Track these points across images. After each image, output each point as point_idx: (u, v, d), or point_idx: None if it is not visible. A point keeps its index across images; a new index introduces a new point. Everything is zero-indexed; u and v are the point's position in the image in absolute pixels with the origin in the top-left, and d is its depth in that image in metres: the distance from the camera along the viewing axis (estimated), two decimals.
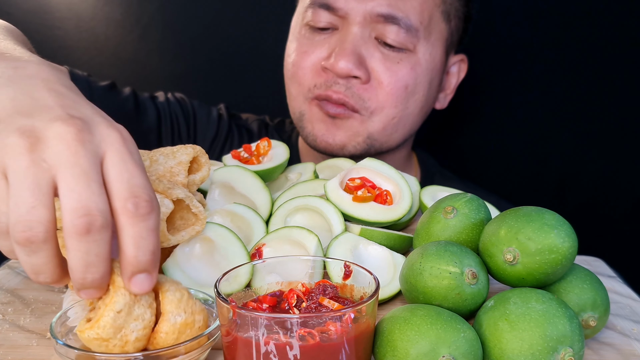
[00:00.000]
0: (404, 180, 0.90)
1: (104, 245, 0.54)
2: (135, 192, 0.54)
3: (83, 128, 0.55)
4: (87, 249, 0.53)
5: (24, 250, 0.54)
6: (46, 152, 0.54)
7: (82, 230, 0.53)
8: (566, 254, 0.63)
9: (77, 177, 0.53)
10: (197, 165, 0.84)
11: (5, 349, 0.67)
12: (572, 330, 0.59)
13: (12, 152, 0.54)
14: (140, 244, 0.54)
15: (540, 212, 0.66)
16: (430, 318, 0.59)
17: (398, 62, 1.18)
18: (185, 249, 0.78)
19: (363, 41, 1.17)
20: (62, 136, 0.54)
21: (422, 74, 1.21)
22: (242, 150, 1.00)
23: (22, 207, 0.52)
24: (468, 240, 0.73)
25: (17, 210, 0.53)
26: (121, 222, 0.54)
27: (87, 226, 0.52)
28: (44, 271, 0.56)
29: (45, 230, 0.53)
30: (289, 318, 0.54)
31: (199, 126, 1.36)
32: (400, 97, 1.20)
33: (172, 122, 1.33)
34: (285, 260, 0.69)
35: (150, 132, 1.30)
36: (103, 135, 0.56)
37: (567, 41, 1.53)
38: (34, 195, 0.53)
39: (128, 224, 0.54)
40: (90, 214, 0.52)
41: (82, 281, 0.55)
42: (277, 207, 0.86)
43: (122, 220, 0.54)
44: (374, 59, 1.17)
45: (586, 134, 1.58)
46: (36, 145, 0.54)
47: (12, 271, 0.87)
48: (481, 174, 1.64)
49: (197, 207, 0.75)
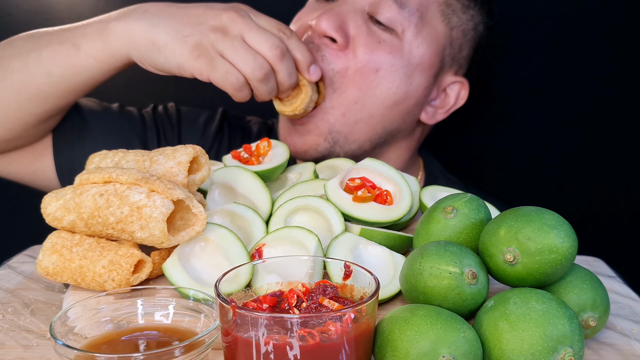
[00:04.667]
0: (404, 180, 0.90)
1: (292, 62, 1.06)
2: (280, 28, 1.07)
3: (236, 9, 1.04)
4: (286, 65, 1.04)
5: (264, 83, 1.03)
6: (234, 31, 1.01)
7: (280, 55, 1.02)
8: (566, 254, 0.63)
9: (258, 33, 1.01)
10: (197, 165, 0.84)
11: (5, 349, 0.68)
12: (572, 330, 0.59)
13: (217, 40, 1.00)
14: (301, 49, 1.07)
15: (540, 212, 0.66)
16: (430, 318, 0.59)
17: (379, 42, 1.15)
18: (185, 249, 0.78)
19: (353, 10, 1.16)
20: (232, 19, 1.02)
21: (401, 63, 1.16)
22: (242, 150, 1.00)
23: (249, 62, 1.00)
24: (468, 240, 0.73)
25: (247, 66, 1.01)
26: (288, 45, 1.05)
27: (282, 52, 1.03)
28: (274, 90, 1.07)
29: (267, 66, 1.02)
30: (289, 318, 0.54)
31: (183, 127, 1.34)
32: (368, 79, 1.15)
33: (157, 126, 1.31)
34: (285, 260, 0.69)
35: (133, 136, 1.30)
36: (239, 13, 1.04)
37: (567, 41, 1.53)
38: (248, 52, 1.01)
39: (290, 43, 1.06)
40: (279, 46, 1.02)
41: (289, 86, 1.07)
42: (277, 207, 0.86)
43: (287, 43, 1.05)
44: (358, 30, 1.14)
45: (586, 134, 1.58)
46: (225, 31, 1.01)
47: (12, 271, 0.88)
48: (481, 174, 1.64)
49: (197, 207, 0.75)
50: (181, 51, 1.01)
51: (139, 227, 0.72)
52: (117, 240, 0.77)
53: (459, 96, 1.29)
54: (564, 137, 1.59)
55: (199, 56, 1.01)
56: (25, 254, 0.96)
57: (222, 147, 1.36)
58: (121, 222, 0.72)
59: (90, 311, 0.68)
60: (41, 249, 0.76)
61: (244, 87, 1.03)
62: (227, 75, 1.01)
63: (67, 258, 0.74)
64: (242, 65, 1.01)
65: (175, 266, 0.75)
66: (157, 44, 1.02)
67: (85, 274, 0.74)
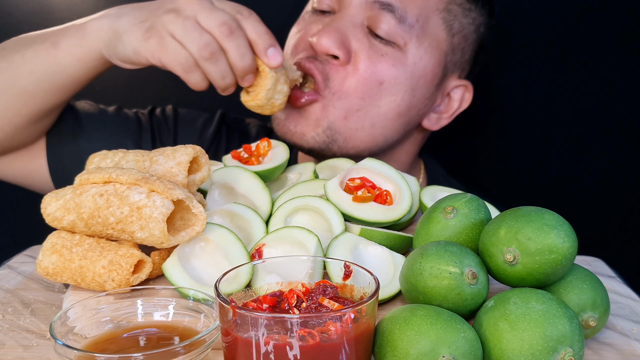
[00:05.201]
0: (404, 180, 0.90)
1: (244, 38, 0.96)
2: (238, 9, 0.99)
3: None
4: (236, 44, 0.95)
5: (211, 62, 0.96)
6: (188, 12, 0.96)
7: (227, 32, 0.94)
8: (566, 254, 0.63)
9: (210, 12, 0.95)
10: (197, 165, 0.84)
11: (5, 349, 0.68)
12: (572, 330, 0.59)
13: (169, 21, 0.96)
14: (257, 29, 0.97)
15: (540, 212, 0.66)
16: (430, 318, 0.59)
17: (382, 55, 1.13)
18: (185, 249, 0.78)
19: (352, 25, 1.14)
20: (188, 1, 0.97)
21: (405, 75, 1.15)
22: (242, 150, 1.00)
23: (195, 40, 0.94)
24: (468, 240, 0.73)
25: (193, 43, 0.94)
26: (244, 25, 0.97)
27: (229, 29, 0.94)
28: (227, 74, 0.98)
29: (215, 44, 0.95)
30: (289, 318, 0.54)
31: (180, 129, 1.33)
32: (372, 91, 1.14)
33: (152, 129, 1.31)
34: (285, 260, 0.69)
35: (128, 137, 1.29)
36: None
37: (568, 42, 1.53)
38: (196, 30, 0.94)
39: (246, 24, 0.97)
40: (227, 23, 0.95)
41: (242, 68, 0.97)
42: (277, 207, 0.86)
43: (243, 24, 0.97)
44: (360, 45, 1.13)
45: (586, 134, 1.58)
46: (178, 12, 0.96)
47: (12, 271, 0.88)
48: (480, 174, 1.64)
49: (197, 207, 0.75)
50: (136, 35, 0.99)
51: (139, 227, 0.72)
52: (117, 240, 0.77)
53: (462, 99, 1.27)
54: (564, 137, 1.59)
55: (149, 37, 0.98)
56: (25, 254, 0.96)
57: (220, 150, 1.35)
58: (121, 222, 0.72)
59: (90, 311, 0.68)
60: (41, 249, 0.76)
61: (193, 68, 0.97)
62: (175, 54, 0.97)
63: (67, 258, 0.74)
64: (189, 44, 0.95)
65: (175, 266, 0.75)
66: (118, 32, 1.01)
67: (85, 274, 0.74)
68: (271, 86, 1.00)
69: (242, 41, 0.96)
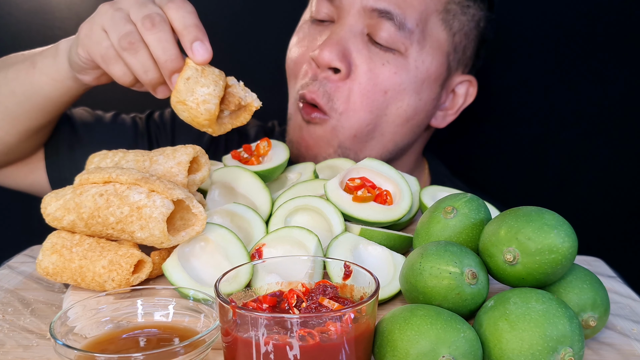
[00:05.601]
0: (404, 180, 0.90)
1: (168, 32, 0.87)
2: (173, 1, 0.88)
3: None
4: (158, 37, 0.86)
5: (130, 53, 0.88)
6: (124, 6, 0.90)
7: (149, 25, 0.86)
8: (566, 254, 0.63)
9: (140, 6, 0.89)
10: (197, 165, 0.84)
11: (5, 349, 0.68)
12: (572, 330, 0.59)
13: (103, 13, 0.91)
14: (184, 22, 0.87)
15: (540, 212, 0.66)
16: (430, 318, 0.59)
17: (383, 64, 1.13)
18: (185, 249, 0.78)
19: (352, 35, 1.13)
20: None
21: (409, 80, 1.15)
22: (242, 150, 1.00)
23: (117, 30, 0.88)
24: (468, 240, 0.73)
25: (115, 34, 0.88)
26: (169, 15, 0.88)
27: (151, 21, 0.87)
28: (149, 67, 0.89)
29: (137, 35, 0.87)
30: (289, 318, 0.54)
31: (177, 133, 1.33)
32: (377, 102, 1.14)
33: (148, 133, 1.31)
34: (285, 260, 0.69)
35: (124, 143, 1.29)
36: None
37: (568, 42, 1.53)
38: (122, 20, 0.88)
39: (172, 11, 0.88)
40: (150, 15, 0.87)
41: (165, 64, 0.87)
42: (277, 207, 0.86)
43: (168, 13, 0.88)
44: (360, 56, 1.13)
45: (586, 134, 1.58)
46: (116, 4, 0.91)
47: (12, 271, 0.87)
48: (480, 174, 1.64)
49: (197, 207, 0.75)
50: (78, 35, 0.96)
51: (139, 227, 0.72)
52: (117, 240, 0.77)
53: (467, 94, 1.28)
54: (564, 137, 1.59)
55: (84, 33, 0.94)
56: (25, 254, 0.96)
57: (219, 152, 1.36)
58: (121, 222, 0.72)
59: (90, 311, 0.68)
60: (41, 249, 0.76)
61: (113, 58, 0.91)
62: (97, 45, 0.92)
63: (67, 258, 0.74)
64: (112, 34, 0.90)
65: (175, 266, 0.75)
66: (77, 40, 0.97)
67: (85, 274, 0.74)
68: (192, 76, 0.85)
69: (165, 35, 0.87)
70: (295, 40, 1.23)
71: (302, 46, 1.20)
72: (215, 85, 0.85)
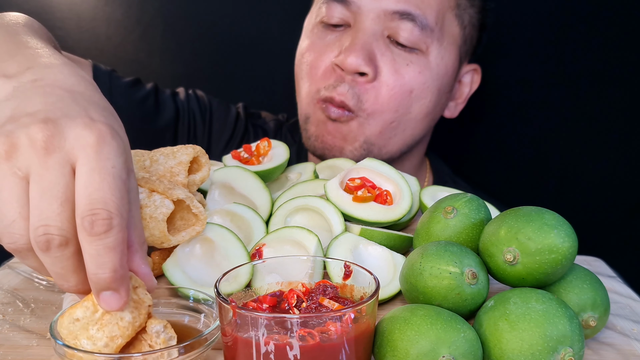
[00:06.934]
0: (404, 180, 0.90)
1: (67, 260, 0.55)
2: (93, 207, 0.52)
3: (55, 132, 0.54)
4: (52, 262, 0.55)
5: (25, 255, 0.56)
6: (20, 160, 0.54)
7: (42, 247, 0.54)
8: (566, 254, 0.63)
9: (41, 193, 0.53)
10: (197, 165, 0.84)
11: (5, 349, 0.68)
12: (572, 330, 0.59)
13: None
14: (98, 261, 0.53)
15: (540, 212, 0.66)
16: (430, 318, 0.59)
17: (407, 65, 1.16)
18: (185, 249, 0.78)
19: (374, 38, 1.15)
20: (33, 143, 0.54)
21: (432, 78, 1.18)
22: (242, 150, 1.00)
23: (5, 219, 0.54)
24: (468, 240, 0.73)
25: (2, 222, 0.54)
26: (81, 239, 0.53)
27: (46, 244, 0.53)
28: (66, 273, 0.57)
29: (26, 242, 0.55)
30: (289, 318, 0.54)
31: (215, 126, 1.35)
32: (404, 101, 1.17)
33: (189, 122, 1.32)
34: (285, 260, 0.69)
35: (167, 130, 1.30)
36: (78, 137, 0.55)
37: (568, 42, 1.53)
38: (13, 207, 0.54)
39: (86, 241, 0.53)
40: (48, 232, 0.53)
41: (62, 288, 0.58)
42: (277, 207, 0.87)
43: (81, 237, 0.53)
44: (385, 58, 1.15)
45: (586, 134, 1.58)
46: (11, 152, 0.54)
47: (12, 271, 0.87)
48: (480, 174, 1.64)
49: (197, 207, 0.75)
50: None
51: None
52: None
53: (472, 81, 1.32)
54: (564, 137, 1.59)
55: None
56: None
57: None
58: None
59: None
60: None
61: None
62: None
63: None
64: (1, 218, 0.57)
65: (175, 266, 0.75)
66: None
67: None
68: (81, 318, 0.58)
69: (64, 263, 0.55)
70: (306, 44, 1.23)
71: (316, 51, 1.21)
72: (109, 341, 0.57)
